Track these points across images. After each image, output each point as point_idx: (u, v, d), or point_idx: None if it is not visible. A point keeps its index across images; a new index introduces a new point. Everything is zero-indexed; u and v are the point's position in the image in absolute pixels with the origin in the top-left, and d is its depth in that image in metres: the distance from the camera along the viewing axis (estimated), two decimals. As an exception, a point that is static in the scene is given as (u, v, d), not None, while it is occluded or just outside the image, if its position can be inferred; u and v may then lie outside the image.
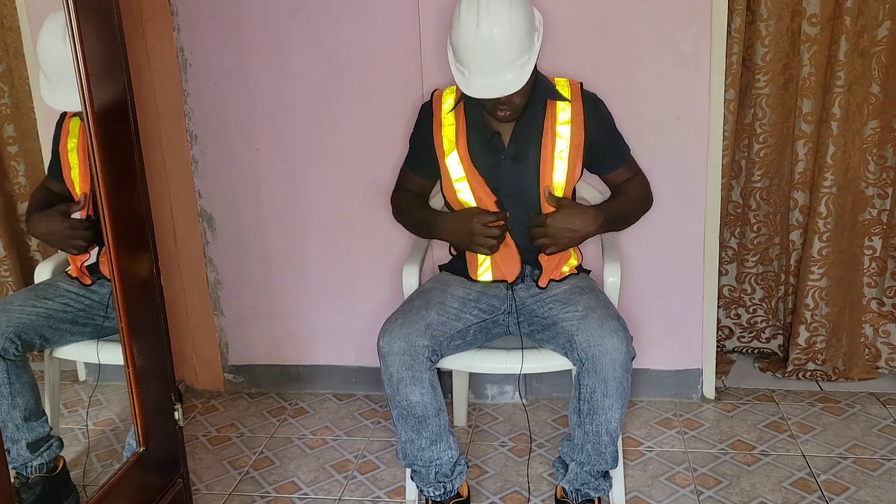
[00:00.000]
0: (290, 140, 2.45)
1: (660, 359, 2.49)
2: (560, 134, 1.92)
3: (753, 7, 2.37)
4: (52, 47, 1.63)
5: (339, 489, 2.14)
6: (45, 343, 1.90)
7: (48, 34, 1.63)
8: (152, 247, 1.64)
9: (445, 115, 1.97)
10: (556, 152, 1.92)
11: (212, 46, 2.41)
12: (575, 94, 1.95)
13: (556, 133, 1.92)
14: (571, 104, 1.93)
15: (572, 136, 1.92)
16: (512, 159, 1.93)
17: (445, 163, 1.95)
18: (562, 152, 1.92)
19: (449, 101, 1.98)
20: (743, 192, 2.60)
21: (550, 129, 1.92)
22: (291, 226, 2.53)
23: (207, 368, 2.72)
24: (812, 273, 2.51)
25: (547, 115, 1.92)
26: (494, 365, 1.97)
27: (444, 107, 1.98)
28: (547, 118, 1.92)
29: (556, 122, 1.92)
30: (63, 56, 1.47)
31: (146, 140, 1.84)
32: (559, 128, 1.92)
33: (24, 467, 1.83)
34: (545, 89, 1.93)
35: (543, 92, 1.93)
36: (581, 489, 1.90)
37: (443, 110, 1.98)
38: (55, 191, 1.87)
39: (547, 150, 1.92)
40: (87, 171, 1.79)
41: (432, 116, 1.99)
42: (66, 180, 1.83)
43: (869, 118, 2.40)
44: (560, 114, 1.93)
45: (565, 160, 1.92)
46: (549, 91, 1.94)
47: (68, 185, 1.83)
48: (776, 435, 2.30)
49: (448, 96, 1.99)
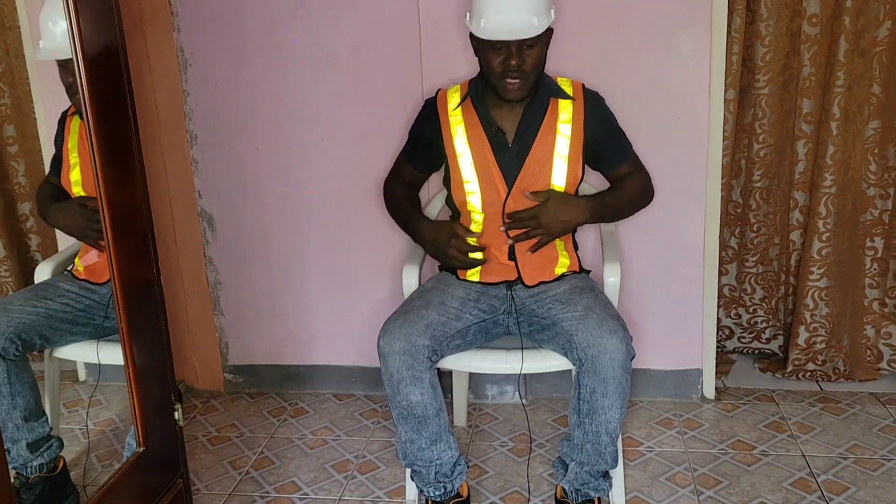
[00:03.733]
0: (290, 140, 2.45)
1: (660, 359, 2.49)
2: (561, 132, 1.93)
3: (753, 7, 2.37)
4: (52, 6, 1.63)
5: (339, 489, 2.14)
6: (45, 343, 1.90)
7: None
8: (152, 247, 1.64)
9: (452, 115, 1.97)
10: (557, 150, 1.93)
11: (212, 46, 2.40)
12: (577, 93, 1.97)
13: (558, 131, 1.93)
14: (573, 102, 1.95)
15: (573, 135, 1.94)
16: (516, 156, 1.94)
17: (458, 164, 1.96)
18: (562, 150, 1.93)
19: (454, 100, 1.98)
20: (743, 192, 2.60)
21: (552, 127, 1.93)
22: (291, 226, 2.53)
23: (207, 368, 2.72)
24: (811, 273, 2.51)
25: (549, 112, 1.94)
26: (494, 365, 1.97)
27: (449, 106, 1.98)
28: (549, 116, 1.94)
29: (558, 119, 1.94)
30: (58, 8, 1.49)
31: (146, 140, 1.83)
32: (560, 126, 1.93)
33: (24, 467, 1.83)
34: (549, 87, 1.95)
35: (548, 90, 1.95)
36: (581, 489, 1.90)
37: (448, 109, 1.98)
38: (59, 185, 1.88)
39: (548, 147, 1.93)
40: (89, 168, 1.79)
41: (437, 116, 1.99)
42: (62, 179, 1.84)
43: (870, 118, 2.40)
44: (562, 112, 1.94)
45: (565, 158, 1.93)
46: (553, 89, 1.96)
47: (64, 185, 1.84)
48: (776, 435, 2.30)
49: (453, 95, 2.00)
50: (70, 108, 1.81)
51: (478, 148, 1.94)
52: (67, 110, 1.82)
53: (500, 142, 1.94)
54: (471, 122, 1.96)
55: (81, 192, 1.83)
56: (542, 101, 1.94)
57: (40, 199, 1.99)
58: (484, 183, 1.94)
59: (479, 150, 1.94)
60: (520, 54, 1.82)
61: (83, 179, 1.81)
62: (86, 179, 1.81)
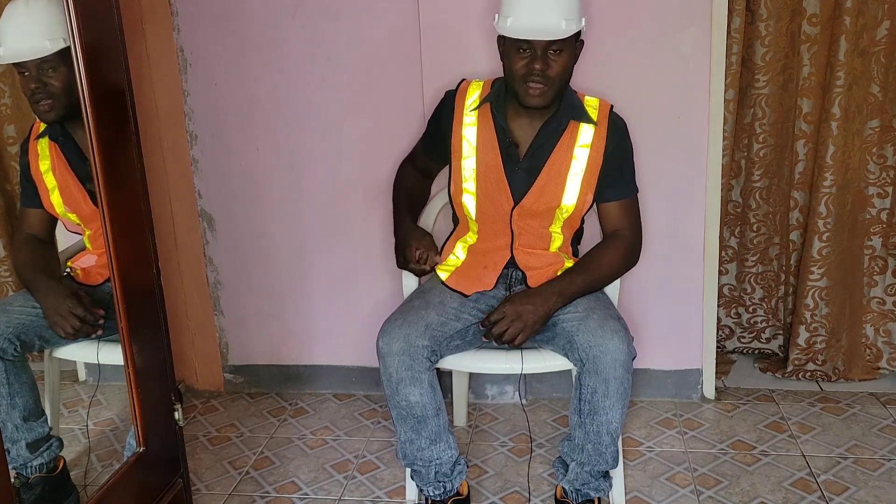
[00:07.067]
0: (290, 140, 2.45)
1: (660, 359, 2.49)
2: (577, 156, 1.88)
3: (753, 7, 2.37)
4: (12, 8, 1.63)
5: (339, 489, 2.14)
6: (44, 344, 1.89)
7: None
8: (152, 247, 1.64)
9: (467, 113, 1.93)
10: (571, 172, 1.89)
11: (212, 46, 2.40)
12: (602, 117, 1.90)
13: (574, 155, 1.88)
14: (596, 128, 1.89)
15: (590, 159, 1.88)
16: (525, 172, 1.90)
17: (461, 164, 1.93)
18: (577, 173, 1.88)
19: (474, 97, 1.93)
20: (743, 192, 2.60)
21: (568, 148, 1.88)
22: (291, 226, 2.53)
23: (207, 368, 2.72)
24: (812, 273, 2.51)
25: (568, 133, 1.89)
26: (494, 365, 1.97)
27: (467, 102, 1.94)
28: (567, 137, 1.89)
29: (576, 143, 1.88)
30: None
31: (146, 140, 1.83)
32: (577, 150, 1.88)
33: (24, 467, 1.83)
34: (573, 108, 1.89)
35: (570, 109, 1.89)
36: (581, 489, 1.90)
37: (465, 105, 1.94)
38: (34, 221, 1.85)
39: (562, 168, 1.89)
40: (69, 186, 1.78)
41: (454, 109, 1.95)
42: (44, 204, 1.82)
43: (869, 118, 2.40)
44: (581, 135, 1.89)
45: (578, 184, 1.89)
46: (577, 110, 1.89)
47: (47, 209, 1.83)
48: (776, 435, 2.30)
49: (474, 90, 1.95)
50: (32, 133, 1.79)
51: (487, 155, 1.91)
52: (28, 136, 1.80)
53: (512, 155, 1.90)
54: (485, 128, 1.91)
55: (66, 214, 1.83)
56: (562, 120, 1.88)
57: (20, 262, 1.90)
58: (484, 191, 1.92)
59: (489, 157, 1.90)
60: (545, 58, 1.77)
61: (64, 199, 1.80)
62: (66, 198, 1.80)
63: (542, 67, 1.77)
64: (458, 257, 2.01)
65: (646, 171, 2.11)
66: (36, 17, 1.59)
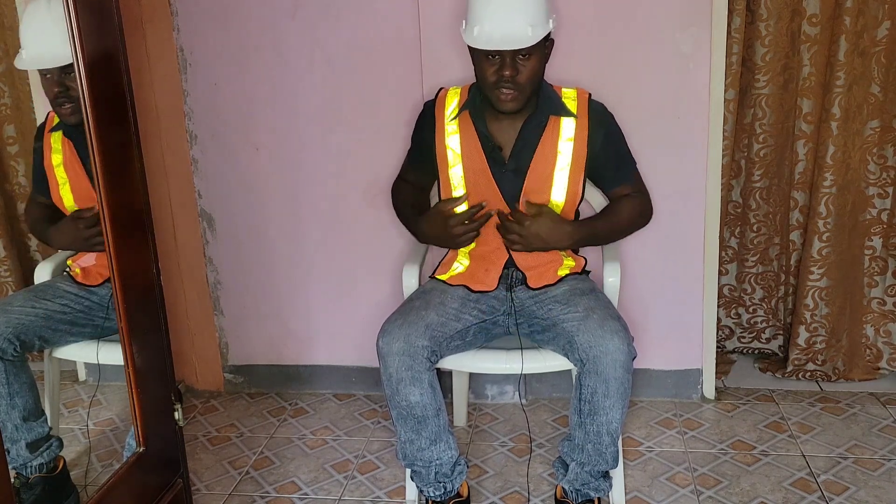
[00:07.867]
0: (290, 140, 2.45)
1: (660, 359, 2.49)
2: (561, 150, 1.90)
3: (753, 7, 2.37)
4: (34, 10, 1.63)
5: (339, 489, 2.14)
6: (43, 344, 1.90)
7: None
8: (152, 247, 1.64)
9: (448, 122, 1.95)
10: (557, 167, 1.90)
11: (212, 46, 2.40)
12: (582, 108, 1.92)
13: (558, 149, 1.90)
14: (577, 119, 1.90)
15: (574, 153, 1.90)
16: (513, 173, 1.92)
17: (448, 174, 1.95)
18: (563, 169, 1.90)
19: (453, 105, 1.96)
20: (743, 192, 2.60)
21: (552, 144, 1.90)
22: (291, 226, 2.53)
23: (207, 368, 2.72)
24: (812, 273, 2.51)
25: (549, 129, 1.90)
26: (494, 365, 1.97)
27: (446, 112, 1.96)
28: (549, 133, 1.90)
29: (559, 137, 1.90)
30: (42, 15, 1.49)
31: (146, 140, 1.83)
32: (561, 144, 1.90)
33: (23, 467, 1.83)
34: (551, 103, 1.91)
35: (548, 106, 1.90)
36: (581, 489, 1.90)
37: (445, 116, 1.96)
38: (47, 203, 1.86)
39: (548, 164, 1.90)
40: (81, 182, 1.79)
41: (434, 120, 1.98)
42: (53, 197, 1.82)
43: (869, 118, 2.40)
44: (564, 130, 1.90)
45: (566, 177, 1.91)
46: (555, 105, 1.91)
47: (55, 202, 1.83)
48: (776, 435, 2.30)
49: (453, 98, 1.97)
50: (47, 123, 1.80)
51: (473, 162, 1.92)
52: (44, 126, 1.81)
53: (497, 158, 1.91)
54: (468, 135, 1.93)
55: (75, 207, 1.83)
56: (542, 118, 1.90)
57: (33, 221, 1.96)
58: (475, 196, 1.93)
59: (475, 163, 1.92)
60: (514, 64, 1.78)
61: (75, 195, 1.81)
62: (77, 195, 1.80)
63: (511, 74, 1.78)
64: (464, 264, 2.02)
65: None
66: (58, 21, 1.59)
